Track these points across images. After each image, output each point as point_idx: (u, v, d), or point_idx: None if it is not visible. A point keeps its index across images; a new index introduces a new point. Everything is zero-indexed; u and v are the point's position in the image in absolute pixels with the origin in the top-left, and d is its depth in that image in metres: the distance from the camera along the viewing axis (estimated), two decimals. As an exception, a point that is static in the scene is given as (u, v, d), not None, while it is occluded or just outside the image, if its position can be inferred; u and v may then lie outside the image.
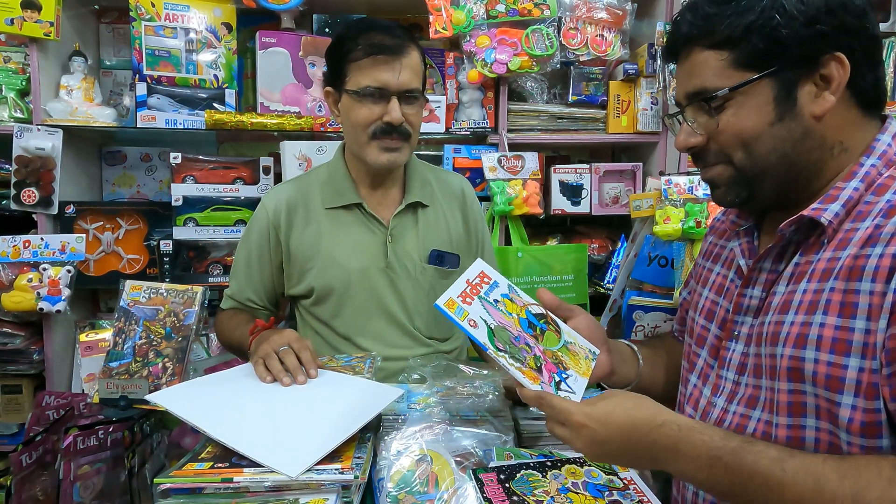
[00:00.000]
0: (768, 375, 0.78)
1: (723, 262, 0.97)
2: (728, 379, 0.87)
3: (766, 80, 0.77)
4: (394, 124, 1.30)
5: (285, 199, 1.42)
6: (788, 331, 0.75)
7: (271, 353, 1.08)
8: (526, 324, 0.91)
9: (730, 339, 0.88)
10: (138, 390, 1.14)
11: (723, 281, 0.95)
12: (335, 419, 0.93)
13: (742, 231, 0.93)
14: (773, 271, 0.84)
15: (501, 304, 0.92)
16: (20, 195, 1.80)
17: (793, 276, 0.79)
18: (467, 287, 0.91)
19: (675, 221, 1.67)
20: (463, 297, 0.89)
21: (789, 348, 0.75)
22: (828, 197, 0.78)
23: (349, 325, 1.39)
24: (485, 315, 0.88)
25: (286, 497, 0.79)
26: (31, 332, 1.85)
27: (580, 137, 2.08)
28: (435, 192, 1.47)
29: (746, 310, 0.86)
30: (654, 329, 1.77)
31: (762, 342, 0.80)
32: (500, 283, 0.95)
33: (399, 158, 1.35)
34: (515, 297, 0.95)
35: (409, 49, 1.30)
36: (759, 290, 0.85)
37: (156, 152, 2.16)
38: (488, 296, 0.92)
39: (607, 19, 1.99)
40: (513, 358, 0.83)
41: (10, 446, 1.50)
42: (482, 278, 0.94)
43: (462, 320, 0.86)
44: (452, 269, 1.45)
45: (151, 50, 1.86)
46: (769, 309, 0.81)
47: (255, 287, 1.45)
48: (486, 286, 0.93)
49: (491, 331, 0.86)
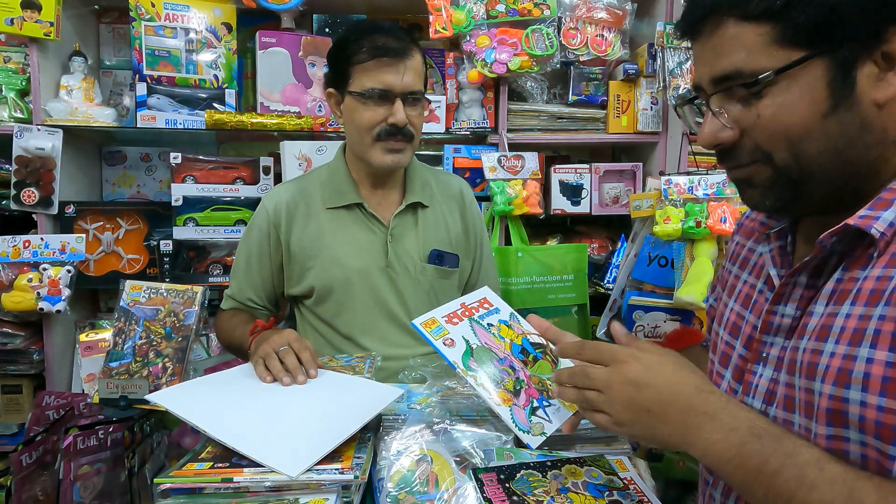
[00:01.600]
0: (803, 412, 0.67)
1: (751, 268, 0.84)
2: (754, 408, 0.74)
3: (818, 61, 0.62)
4: (398, 126, 1.31)
5: (286, 199, 1.43)
6: (828, 363, 0.63)
7: (271, 354, 1.08)
8: (518, 349, 0.92)
9: (756, 363, 0.75)
10: (138, 390, 1.14)
11: (750, 291, 0.82)
12: (335, 419, 0.93)
13: (773, 234, 0.79)
14: (810, 287, 0.71)
15: (496, 328, 0.93)
16: (20, 195, 1.80)
17: (834, 294, 0.66)
18: (460, 309, 0.92)
19: (675, 221, 1.67)
20: (449, 318, 0.90)
21: (829, 385, 0.63)
22: (879, 202, 0.64)
23: (349, 324, 1.39)
24: (469, 335, 0.89)
25: (286, 497, 0.79)
26: (31, 332, 1.85)
27: (580, 137, 2.08)
28: (434, 193, 1.48)
29: (777, 329, 0.73)
30: (654, 329, 1.77)
31: (795, 371, 0.68)
32: (502, 309, 0.95)
33: (403, 160, 1.36)
34: (515, 324, 0.95)
35: (412, 51, 1.31)
36: (792, 308, 0.72)
37: (156, 152, 2.16)
38: (483, 319, 0.93)
39: (607, 19, 1.99)
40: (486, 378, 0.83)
41: (10, 446, 1.51)
42: (482, 303, 0.95)
43: (437, 339, 0.87)
44: (452, 269, 1.46)
45: (151, 50, 1.86)
46: (804, 332, 0.68)
47: (255, 287, 1.45)
48: (485, 311, 0.94)
49: (470, 350, 0.86)
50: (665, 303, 1.74)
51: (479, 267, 1.55)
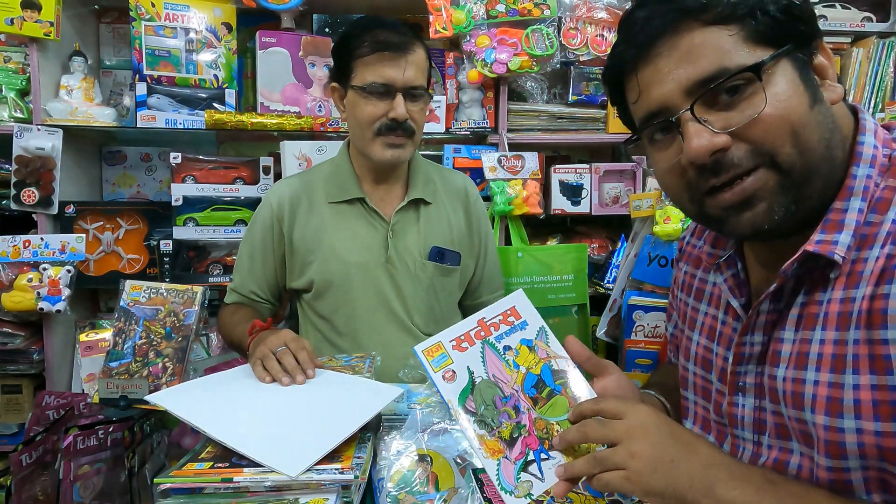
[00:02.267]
0: (802, 441, 0.66)
1: (708, 299, 0.83)
2: (746, 439, 0.74)
3: (786, 59, 0.63)
4: (398, 120, 1.31)
5: (289, 193, 1.44)
6: (814, 392, 0.63)
7: (269, 355, 1.08)
8: (532, 381, 0.79)
9: (735, 394, 0.75)
10: (138, 390, 1.14)
11: (713, 323, 0.81)
12: (335, 419, 0.93)
13: (723, 263, 0.78)
14: (773, 311, 0.70)
15: (513, 352, 0.81)
16: (20, 195, 1.80)
17: (801, 320, 0.66)
18: (475, 328, 0.81)
19: (675, 221, 1.67)
20: (459, 342, 0.80)
21: (821, 416, 0.62)
22: (829, 224, 0.63)
23: (348, 319, 1.40)
24: (476, 364, 0.79)
25: (286, 497, 0.79)
26: (31, 332, 1.85)
27: (580, 137, 2.08)
28: (438, 190, 1.48)
29: (749, 359, 0.73)
30: (654, 329, 1.77)
31: (780, 400, 0.68)
32: (530, 324, 0.82)
33: (403, 155, 1.36)
34: (541, 345, 0.81)
35: (414, 46, 1.31)
36: (759, 336, 0.72)
37: (156, 152, 2.16)
38: (501, 341, 0.81)
39: (607, 19, 1.99)
40: (480, 423, 0.75)
41: (10, 446, 1.50)
42: (506, 317, 0.82)
43: (436, 371, 0.78)
44: (453, 267, 1.46)
45: (151, 50, 1.86)
46: (777, 359, 0.68)
47: (257, 280, 1.45)
48: (507, 327, 0.82)
49: (471, 385, 0.78)
50: (665, 303, 1.74)
51: (482, 266, 1.55)
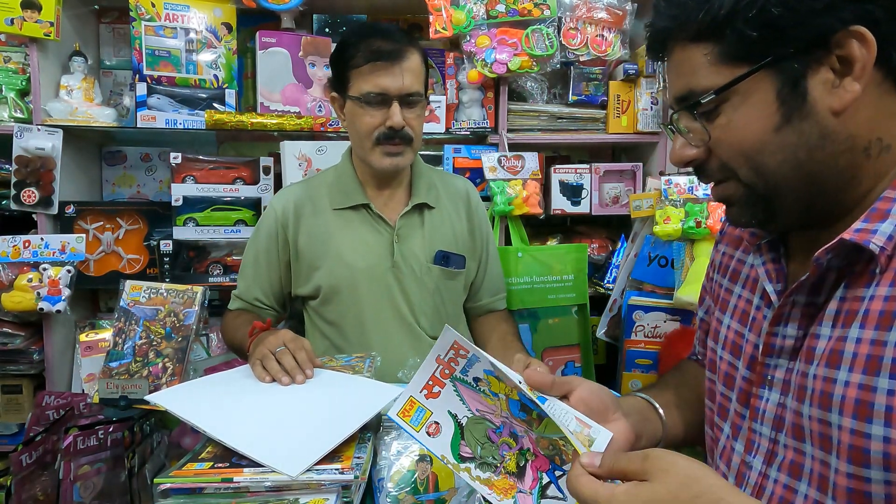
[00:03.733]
0: (818, 444, 0.62)
1: (743, 282, 0.79)
2: (763, 435, 0.70)
3: (762, 74, 0.61)
4: (395, 129, 1.31)
5: (293, 200, 1.44)
6: (844, 394, 0.59)
7: (268, 355, 1.08)
8: (517, 405, 0.71)
9: (762, 386, 0.71)
10: (138, 390, 1.14)
11: (746, 307, 0.77)
12: (335, 418, 0.93)
13: (764, 245, 0.74)
14: (810, 305, 0.66)
15: (485, 382, 0.72)
16: (20, 195, 1.80)
17: (839, 315, 0.62)
18: (438, 368, 0.72)
19: (675, 221, 1.67)
20: (430, 388, 0.72)
21: (848, 419, 0.58)
22: (875, 213, 0.60)
23: (356, 325, 1.40)
24: (456, 405, 0.72)
25: (286, 497, 0.79)
26: (31, 332, 1.85)
27: (580, 137, 2.08)
28: (440, 195, 1.49)
29: (780, 351, 0.69)
30: (654, 329, 1.77)
31: (805, 399, 0.64)
32: (479, 357, 0.71)
33: (402, 162, 1.36)
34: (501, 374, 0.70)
35: (408, 53, 1.31)
36: (794, 329, 0.67)
37: (156, 152, 2.16)
38: (467, 374, 0.72)
39: (607, 19, 1.99)
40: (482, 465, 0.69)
41: (10, 446, 1.50)
42: (457, 352, 0.72)
43: (419, 430, 0.71)
44: (458, 270, 1.46)
45: (151, 50, 1.86)
46: (812, 356, 0.64)
47: (262, 287, 1.46)
48: (463, 360, 0.72)
49: (459, 429, 0.71)
50: (665, 303, 1.74)
51: (484, 268, 1.55)
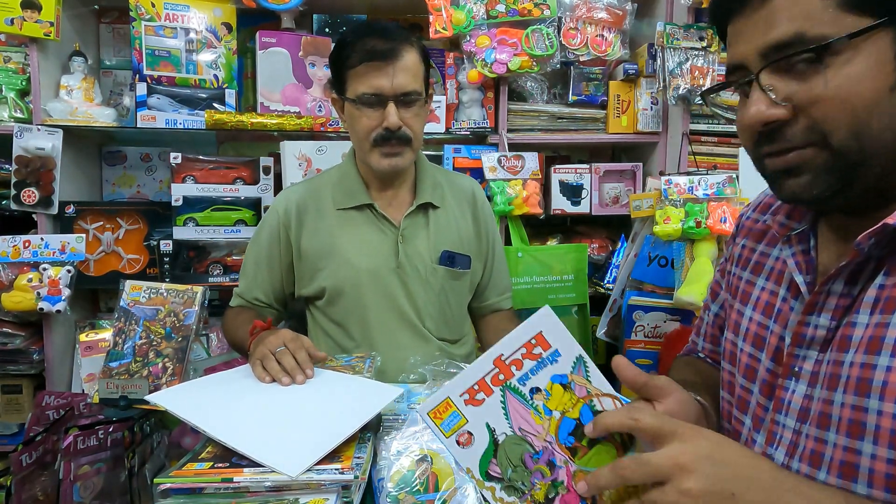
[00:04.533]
0: (846, 431, 0.61)
1: (768, 274, 0.78)
2: (787, 427, 0.68)
3: (885, 31, 0.57)
4: (392, 129, 1.29)
5: (296, 200, 1.43)
6: (885, 379, 0.57)
7: (268, 355, 1.08)
8: (570, 427, 0.64)
9: (788, 377, 0.69)
10: (138, 390, 1.14)
11: (771, 299, 0.75)
12: (335, 419, 0.93)
13: (794, 237, 0.72)
14: (845, 295, 0.64)
15: (543, 394, 0.64)
16: (20, 195, 1.80)
17: (878, 303, 0.61)
18: (492, 372, 0.64)
19: (675, 221, 1.67)
20: (472, 394, 0.64)
21: (890, 404, 0.57)
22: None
23: (360, 325, 1.40)
24: (497, 419, 0.64)
25: (286, 497, 0.79)
26: (31, 332, 1.85)
27: (580, 137, 2.08)
28: (446, 194, 1.48)
29: (811, 342, 0.67)
30: (654, 329, 1.77)
31: (838, 387, 0.62)
32: (563, 354, 0.64)
33: (401, 163, 1.35)
34: (580, 380, 0.64)
35: (403, 51, 1.29)
36: (826, 319, 0.65)
37: (156, 152, 2.16)
38: (526, 382, 0.64)
39: (607, 19, 1.99)
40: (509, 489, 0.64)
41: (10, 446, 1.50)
42: (531, 349, 0.63)
43: (449, 435, 0.64)
44: (464, 271, 1.45)
45: (151, 50, 1.86)
46: (847, 345, 0.62)
47: (262, 286, 1.45)
48: (534, 362, 0.64)
49: (494, 446, 0.64)
50: (665, 303, 1.74)
51: (490, 269, 1.55)
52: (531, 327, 0.63)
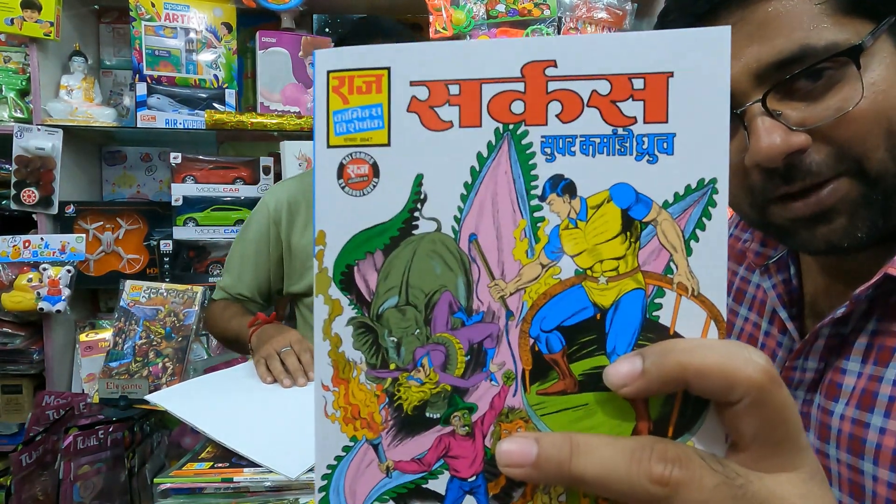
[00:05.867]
0: (849, 492, 0.56)
1: (749, 303, 0.71)
2: None
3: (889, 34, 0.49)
4: None
5: (286, 196, 1.43)
6: (879, 442, 0.52)
7: (273, 355, 1.08)
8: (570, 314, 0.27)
9: None
10: (138, 390, 1.14)
11: (754, 331, 0.70)
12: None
13: (773, 265, 0.65)
14: (834, 335, 0.58)
15: (570, 205, 0.31)
16: (20, 195, 1.80)
17: (870, 350, 0.54)
18: (505, 82, 0.32)
19: (675, 221, 1.67)
20: (439, 95, 0.33)
21: (886, 471, 0.51)
22: None
23: None
24: (445, 186, 0.32)
25: (286, 497, 0.79)
26: (31, 332, 1.85)
27: (580, 137, 2.07)
28: None
29: (798, 384, 0.62)
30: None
31: (830, 439, 0.57)
32: (679, 154, 0.30)
33: None
34: (671, 233, 0.34)
35: None
36: (814, 362, 0.60)
37: (156, 152, 2.16)
38: (556, 152, 0.32)
39: (607, 19, 1.99)
40: (364, 333, 0.35)
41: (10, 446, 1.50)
42: (625, 90, 0.27)
43: (332, 145, 0.31)
44: None
45: (151, 50, 1.86)
46: (836, 393, 0.56)
47: (246, 282, 1.44)
48: (606, 128, 0.32)
49: (400, 233, 0.28)
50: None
51: None
52: (658, 49, 0.26)
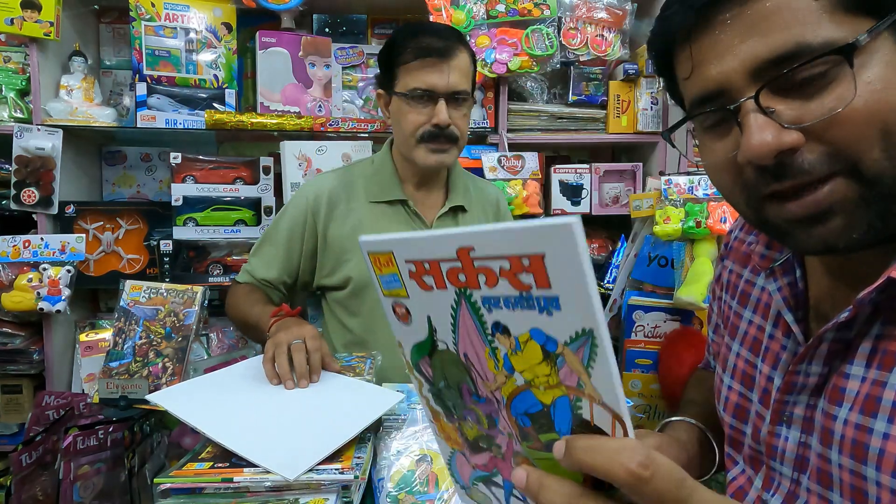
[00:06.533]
0: (850, 497, 0.55)
1: (754, 306, 0.72)
2: (783, 475, 0.63)
3: (889, 32, 0.49)
4: (441, 126, 1.31)
5: (328, 189, 1.42)
6: (883, 447, 0.51)
7: (283, 347, 1.07)
8: (531, 407, 0.44)
9: (779, 423, 0.64)
10: (138, 390, 1.14)
11: (759, 335, 0.70)
12: (335, 422, 0.93)
13: (778, 268, 0.65)
14: (838, 340, 0.58)
15: (510, 341, 0.43)
16: (20, 195, 1.80)
17: (874, 355, 0.54)
18: (452, 262, 0.43)
19: (675, 221, 1.67)
20: (420, 269, 0.44)
21: (888, 476, 0.51)
22: None
23: (380, 319, 1.38)
24: (441, 323, 0.47)
25: (286, 497, 0.79)
26: (31, 332, 1.85)
27: (580, 137, 2.07)
28: (473, 199, 1.50)
29: (801, 389, 0.62)
30: (654, 329, 1.77)
31: (833, 444, 0.56)
32: (565, 309, 0.41)
33: (447, 159, 1.36)
34: (574, 362, 0.41)
35: (457, 51, 1.31)
36: (818, 366, 0.60)
37: (156, 152, 2.16)
38: (492, 309, 0.44)
39: (607, 19, 1.99)
40: (437, 397, 0.52)
41: (10, 446, 1.51)
42: (518, 267, 0.44)
43: (386, 294, 0.48)
44: None
45: (151, 50, 1.86)
46: (839, 397, 0.56)
47: (276, 268, 1.43)
48: (514, 293, 0.47)
49: (432, 345, 0.49)
50: (665, 303, 1.74)
51: None
52: (531, 238, 0.36)
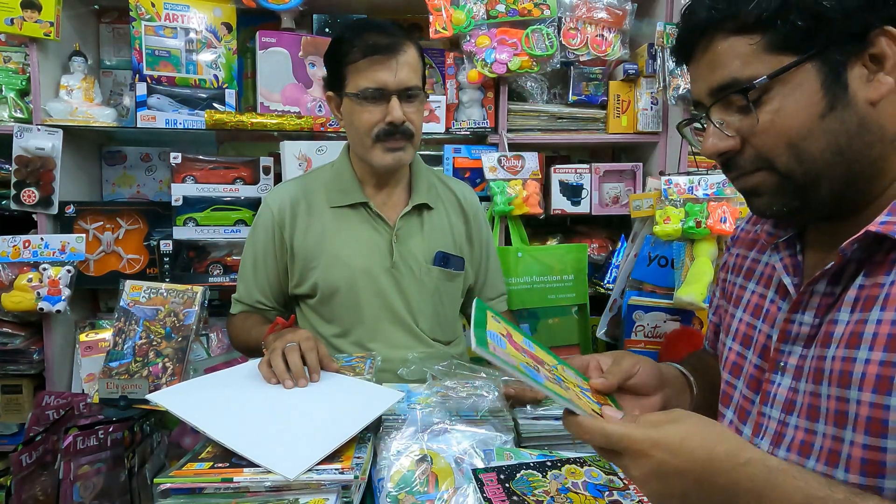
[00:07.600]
0: (831, 421, 0.65)
1: (758, 278, 0.84)
2: (772, 418, 0.73)
3: (809, 64, 0.65)
4: (396, 123, 1.29)
5: (289, 198, 1.42)
6: (864, 371, 0.62)
7: (278, 350, 1.07)
8: None
9: (774, 371, 0.74)
10: (138, 390, 1.14)
11: (760, 301, 0.81)
12: (335, 421, 0.93)
13: (782, 243, 0.79)
14: (828, 294, 0.70)
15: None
16: (20, 195, 1.80)
17: (858, 301, 0.66)
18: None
19: (675, 221, 1.67)
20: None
21: (868, 393, 0.61)
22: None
23: (353, 324, 1.39)
24: None
25: (286, 497, 0.79)
26: (31, 332, 1.85)
27: (580, 137, 2.07)
28: (439, 195, 1.48)
29: (795, 338, 0.73)
30: (654, 329, 1.77)
31: (823, 380, 0.67)
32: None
33: (404, 157, 1.35)
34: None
35: (404, 47, 1.29)
36: (810, 317, 0.71)
37: (156, 152, 2.16)
38: None
39: (607, 19, 1.99)
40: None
41: (10, 446, 1.51)
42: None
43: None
44: (457, 272, 1.45)
45: (151, 50, 1.86)
46: (829, 340, 0.67)
47: (262, 288, 1.44)
48: None
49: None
50: (665, 303, 1.74)
51: (485, 271, 1.55)
52: None
